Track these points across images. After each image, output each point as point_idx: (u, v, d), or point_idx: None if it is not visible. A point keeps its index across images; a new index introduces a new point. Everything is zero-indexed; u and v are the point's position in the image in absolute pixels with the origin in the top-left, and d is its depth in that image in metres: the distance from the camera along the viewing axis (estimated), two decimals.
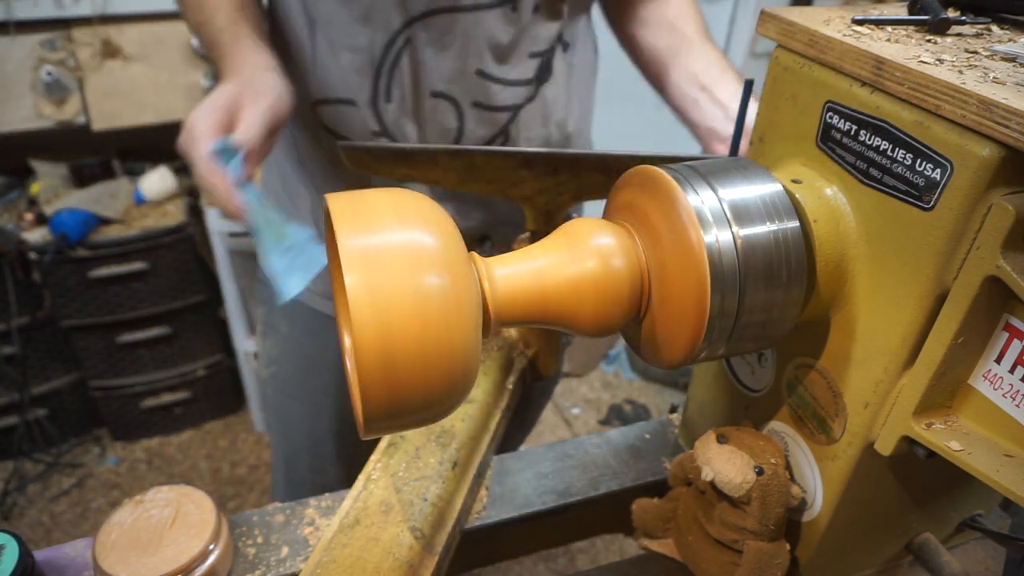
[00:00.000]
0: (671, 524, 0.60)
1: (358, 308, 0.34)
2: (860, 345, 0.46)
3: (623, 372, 2.46)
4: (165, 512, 0.54)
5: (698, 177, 0.43)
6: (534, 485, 0.65)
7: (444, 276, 0.36)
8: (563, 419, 2.25)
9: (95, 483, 1.92)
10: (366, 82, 0.74)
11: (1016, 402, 0.40)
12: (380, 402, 0.36)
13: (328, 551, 0.50)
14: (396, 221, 0.37)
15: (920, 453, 0.43)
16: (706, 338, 0.42)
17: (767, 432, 0.56)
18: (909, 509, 0.54)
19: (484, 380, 0.65)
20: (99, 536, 0.53)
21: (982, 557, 0.62)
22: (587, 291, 0.42)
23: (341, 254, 0.34)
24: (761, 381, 0.56)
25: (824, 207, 0.46)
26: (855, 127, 0.44)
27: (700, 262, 0.40)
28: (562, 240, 0.43)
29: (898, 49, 0.42)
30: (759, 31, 0.49)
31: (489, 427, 0.63)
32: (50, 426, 1.91)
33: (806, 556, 0.54)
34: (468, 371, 0.38)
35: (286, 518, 0.60)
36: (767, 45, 1.79)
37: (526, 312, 0.42)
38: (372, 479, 0.56)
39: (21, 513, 1.82)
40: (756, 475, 0.49)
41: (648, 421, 0.73)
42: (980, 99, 0.36)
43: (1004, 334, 0.40)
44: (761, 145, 0.52)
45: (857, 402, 0.47)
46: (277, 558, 0.57)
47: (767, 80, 0.50)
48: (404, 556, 0.50)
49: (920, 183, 0.40)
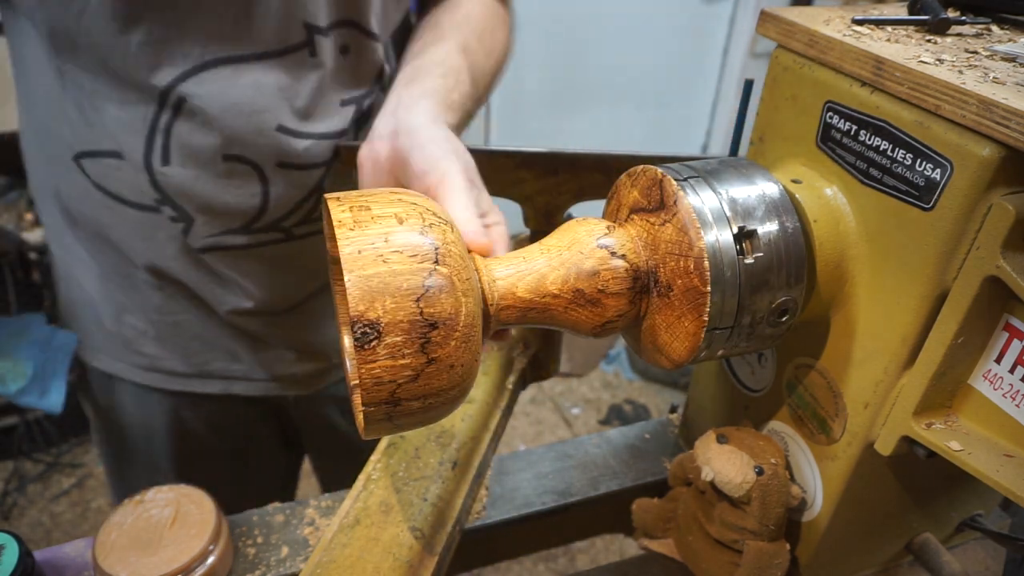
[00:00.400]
0: (671, 524, 0.60)
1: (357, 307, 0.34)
2: (860, 345, 0.46)
3: (623, 372, 2.46)
4: (165, 512, 0.54)
5: (698, 177, 0.43)
6: (534, 485, 0.65)
7: (444, 275, 0.36)
8: (563, 419, 2.25)
9: (95, 483, 1.92)
10: (138, 142, 0.63)
11: (1016, 402, 0.40)
12: (379, 403, 0.36)
13: (328, 551, 0.50)
14: (396, 221, 0.37)
15: (920, 453, 0.43)
16: (706, 338, 0.42)
17: (767, 432, 0.56)
18: (909, 509, 0.54)
19: (484, 380, 0.65)
20: (99, 536, 0.53)
21: (982, 557, 0.61)
22: (587, 291, 0.42)
23: (341, 254, 0.34)
24: (761, 381, 0.56)
25: (824, 207, 0.46)
26: (855, 127, 0.44)
27: (700, 262, 0.40)
28: (562, 240, 0.43)
29: (898, 49, 0.42)
30: (759, 31, 0.49)
31: (489, 427, 0.63)
32: (50, 426, 1.91)
33: (806, 556, 0.54)
34: (468, 372, 0.38)
35: (286, 518, 0.60)
36: (767, 45, 1.79)
37: (526, 312, 0.42)
38: (372, 479, 0.56)
39: (21, 513, 1.82)
40: (756, 475, 0.49)
41: (648, 421, 0.73)
42: (980, 99, 0.36)
43: (1004, 334, 0.40)
44: (761, 145, 0.52)
45: (857, 402, 0.47)
46: (277, 558, 0.57)
47: (767, 80, 0.50)
48: (404, 556, 0.50)
49: (920, 183, 0.40)
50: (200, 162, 0.64)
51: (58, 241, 0.76)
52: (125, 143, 0.63)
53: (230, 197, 0.65)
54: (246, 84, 0.62)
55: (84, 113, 0.64)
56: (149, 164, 0.64)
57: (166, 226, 0.67)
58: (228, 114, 0.62)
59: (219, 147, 0.63)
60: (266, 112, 0.63)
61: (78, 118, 0.64)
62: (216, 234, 0.68)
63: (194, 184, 0.65)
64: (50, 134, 0.68)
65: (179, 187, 0.65)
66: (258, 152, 0.64)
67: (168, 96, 0.61)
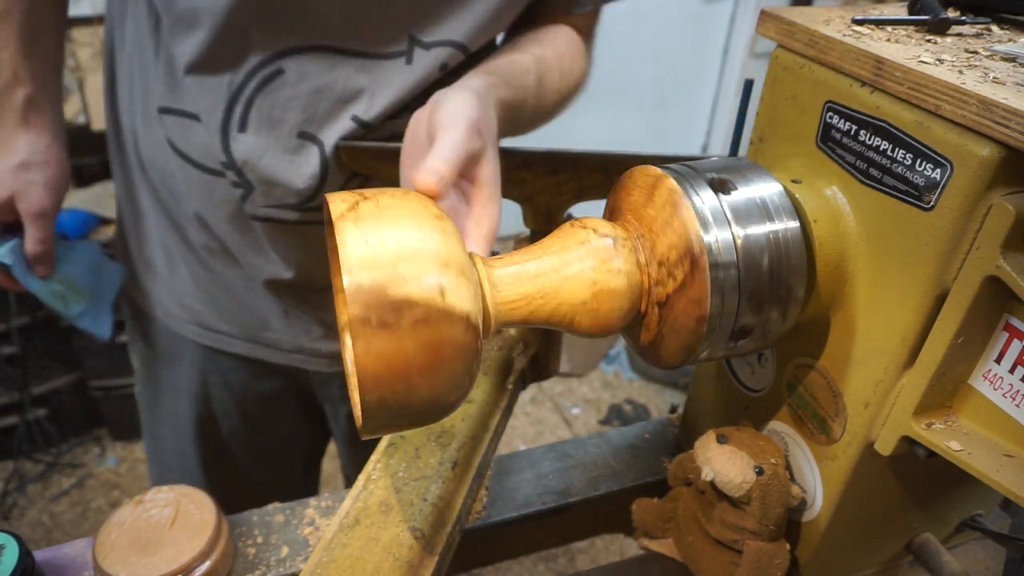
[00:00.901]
0: (671, 524, 0.60)
1: (350, 260, 0.34)
2: (860, 345, 0.46)
3: (623, 372, 2.46)
4: (165, 512, 0.54)
5: (698, 177, 0.43)
6: (534, 485, 0.65)
7: (444, 276, 0.36)
8: (563, 419, 2.25)
9: (95, 483, 1.92)
10: (219, 104, 0.66)
11: (1016, 402, 0.40)
12: (379, 403, 0.36)
13: (328, 551, 0.50)
14: (396, 220, 0.37)
15: (920, 453, 0.43)
16: (706, 338, 0.42)
17: (767, 432, 0.56)
18: (909, 509, 0.54)
19: (484, 380, 0.65)
20: (99, 536, 0.53)
21: (982, 557, 0.61)
22: (587, 291, 0.42)
23: (341, 254, 0.34)
24: (761, 381, 0.56)
25: (824, 207, 0.46)
26: (855, 127, 0.44)
27: (700, 262, 0.40)
28: (562, 240, 0.43)
29: (898, 49, 0.42)
30: (759, 31, 0.49)
31: (489, 427, 0.63)
32: (50, 426, 1.91)
33: (806, 556, 0.54)
34: (468, 371, 0.38)
35: (286, 518, 0.60)
36: (767, 45, 1.79)
37: (526, 312, 0.42)
38: (372, 479, 0.56)
39: (21, 513, 1.82)
40: (756, 475, 0.49)
41: (648, 421, 0.73)
42: (980, 99, 0.36)
43: (1004, 334, 0.40)
44: (761, 145, 0.52)
45: (857, 402, 0.47)
46: (277, 558, 0.57)
47: (767, 80, 0.50)
48: (404, 556, 0.50)
49: (920, 183, 0.40)
50: (273, 135, 0.67)
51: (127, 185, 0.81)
52: (204, 106, 0.67)
53: (292, 173, 0.69)
54: (339, 74, 0.65)
55: (174, 74, 0.67)
56: (226, 129, 0.67)
57: (226, 190, 0.71)
58: (315, 96, 0.65)
59: (296, 124, 0.67)
60: (350, 103, 0.66)
61: (166, 76, 0.68)
62: (271, 206, 0.71)
63: (263, 155, 0.68)
64: (138, 84, 0.72)
65: (247, 155, 0.68)
66: (327, 135, 0.67)
67: (263, 67, 0.64)
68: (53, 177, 0.69)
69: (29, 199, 0.67)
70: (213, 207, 0.72)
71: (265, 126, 0.67)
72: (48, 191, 0.69)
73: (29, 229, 0.68)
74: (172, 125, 0.69)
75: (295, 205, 0.70)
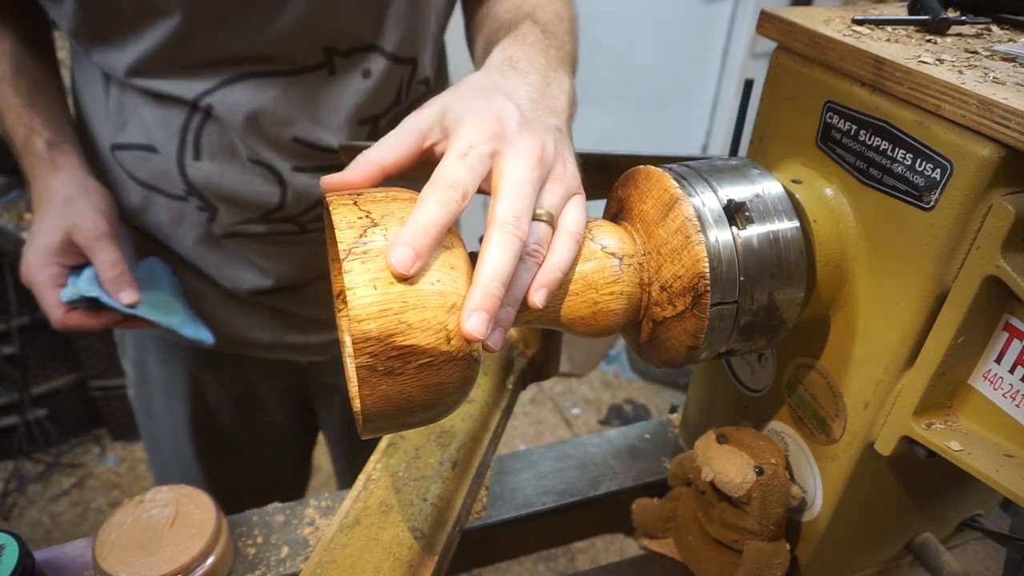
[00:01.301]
0: (671, 524, 0.60)
1: (357, 309, 0.34)
2: (860, 345, 0.46)
3: (623, 372, 2.46)
4: (165, 512, 0.54)
5: (698, 177, 0.43)
6: (534, 485, 0.65)
7: (450, 321, 0.36)
8: (563, 419, 2.25)
9: (95, 483, 1.92)
10: (172, 139, 0.68)
11: (1016, 402, 0.40)
12: (378, 403, 0.36)
13: (328, 551, 0.50)
14: (396, 221, 0.37)
15: (920, 453, 0.43)
16: (706, 338, 0.42)
17: (767, 432, 0.56)
18: (909, 509, 0.54)
19: (484, 380, 0.65)
20: (99, 536, 0.53)
21: (982, 557, 0.61)
22: (587, 310, 0.42)
23: (341, 254, 0.34)
24: (761, 381, 0.56)
25: (824, 207, 0.46)
26: (855, 127, 0.44)
27: (700, 262, 0.40)
28: None
29: (898, 49, 0.42)
30: (759, 31, 0.49)
31: (489, 427, 0.63)
32: (50, 426, 1.91)
33: (806, 556, 0.54)
34: (468, 391, 0.38)
35: (286, 518, 0.60)
36: (767, 45, 1.79)
37: (523, 322, 0.42)
38: (372, 479, 0.56)
39: (21, 513, 1.82)
40: (756, 475, 0.49)
41: (648, 421, 0.73)
42: (980, 99, 0.36)
43: (1004, 334, 0.40)
44: (761, 145, 0.52)
45: (857, 402, 0.47)
46: (277, 558, 0.57)
47: (767, 80, 0.50)
48: (404, 556, 0.50)
49: (920, 183, 0.40)
50: (227, 161, 0.69)
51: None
52: (159, 139, 0.69)
53: (251, 194, 0.71)
54: (267, 98, 0.66)
55: (123, 112, 0.70)
56: (181, 160, 0.69)
57: (193, 214, 0.73)
58: (248, 124, 0.66)
59: (245, 152, 0.69)
60: (284, 124, 0.67)
61: (116, 114, 0.70)
62: (237, 222, 0.73)
63: (220, 179, 0.70)
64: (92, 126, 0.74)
65: (206, 180, 0.70)
66: (275, 158, 0.69)
67: (198, 105, 0.66)
68: (99, 202, 0.69)
69: (84, 227, 0.66)
70: (184, 232, 0.74)
71: (217, 154, 0.69)
72: (99, 214, 0.68)
73: (97, 255, 0.67)
74: (128, 160, 0.71)
75: (260, 219, 0.73)
